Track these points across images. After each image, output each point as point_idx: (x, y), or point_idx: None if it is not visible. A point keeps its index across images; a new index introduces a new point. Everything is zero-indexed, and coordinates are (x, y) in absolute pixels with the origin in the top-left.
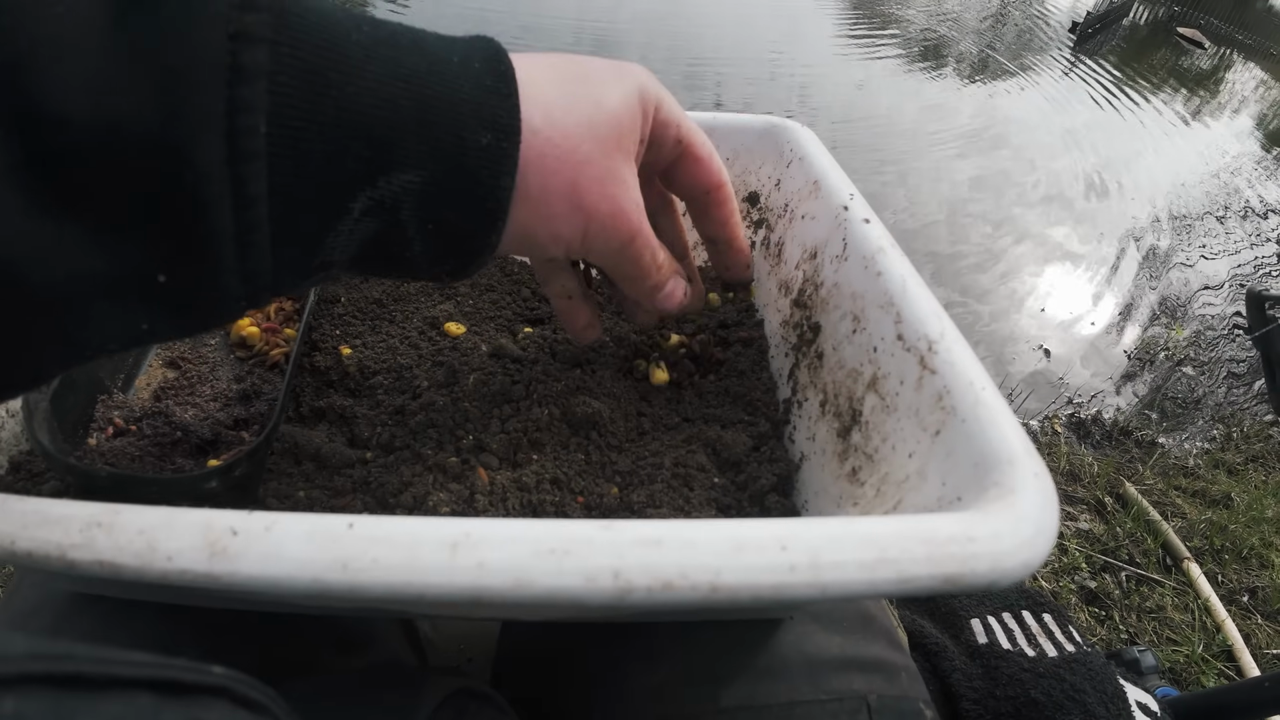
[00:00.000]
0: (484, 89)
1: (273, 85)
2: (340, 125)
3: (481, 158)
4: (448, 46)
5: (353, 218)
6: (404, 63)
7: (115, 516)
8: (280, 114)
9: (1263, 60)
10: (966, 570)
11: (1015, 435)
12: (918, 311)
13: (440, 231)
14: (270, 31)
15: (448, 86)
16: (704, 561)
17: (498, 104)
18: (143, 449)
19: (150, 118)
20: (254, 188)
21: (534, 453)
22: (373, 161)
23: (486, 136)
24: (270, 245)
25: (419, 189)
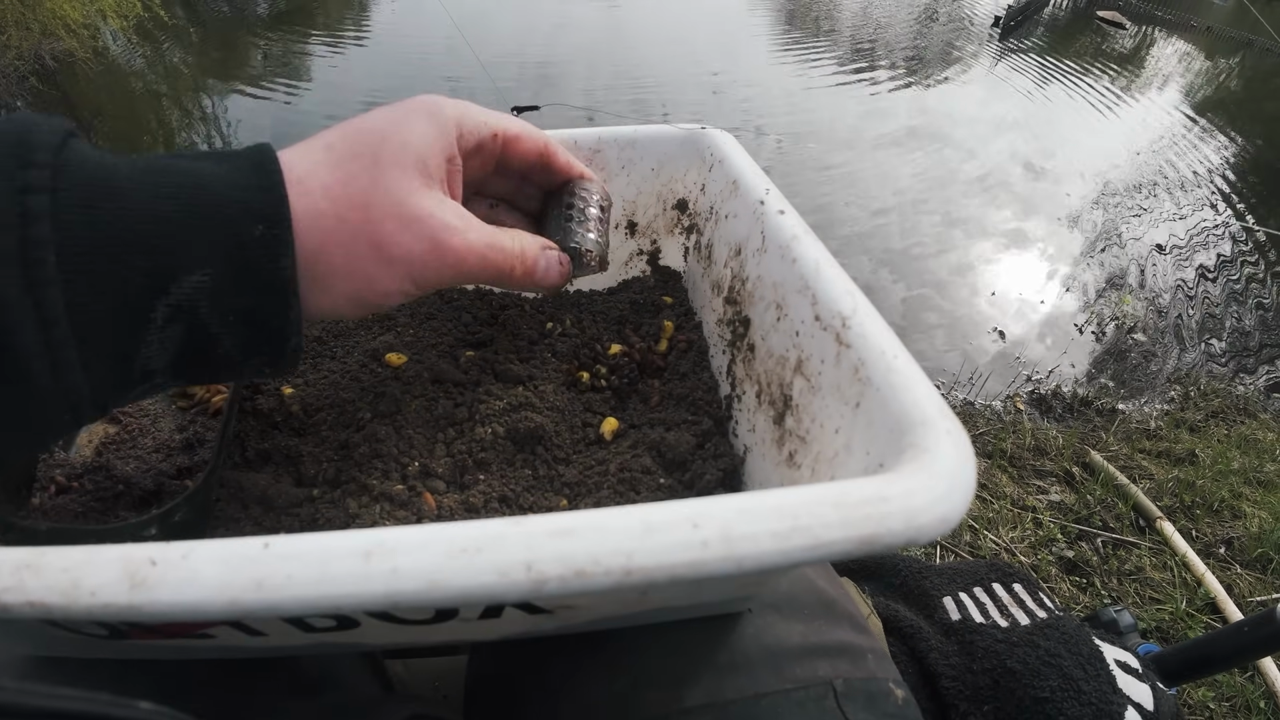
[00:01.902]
0: (250, 188)
1: (55, 224)
2: (119, 244)
3: (257, 247)
4: (217, 161)
5: (157, 326)
6: (170, 183)
7: (41, 558)
8: (66, 244)
9: (1184, 33)
10: (882, 530)
11: (928, 397)
12: (831, 291)
13: (241, 321)
14: (49, 182)
15: (215, 194)
16: (616, 546)
17: (264, 198)
18: (85, 504)
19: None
20: (51, 310)
21: (481, 473)
22: (157, 271)
23: (259, 228)
24: (80, 362)
25: (210, 286)
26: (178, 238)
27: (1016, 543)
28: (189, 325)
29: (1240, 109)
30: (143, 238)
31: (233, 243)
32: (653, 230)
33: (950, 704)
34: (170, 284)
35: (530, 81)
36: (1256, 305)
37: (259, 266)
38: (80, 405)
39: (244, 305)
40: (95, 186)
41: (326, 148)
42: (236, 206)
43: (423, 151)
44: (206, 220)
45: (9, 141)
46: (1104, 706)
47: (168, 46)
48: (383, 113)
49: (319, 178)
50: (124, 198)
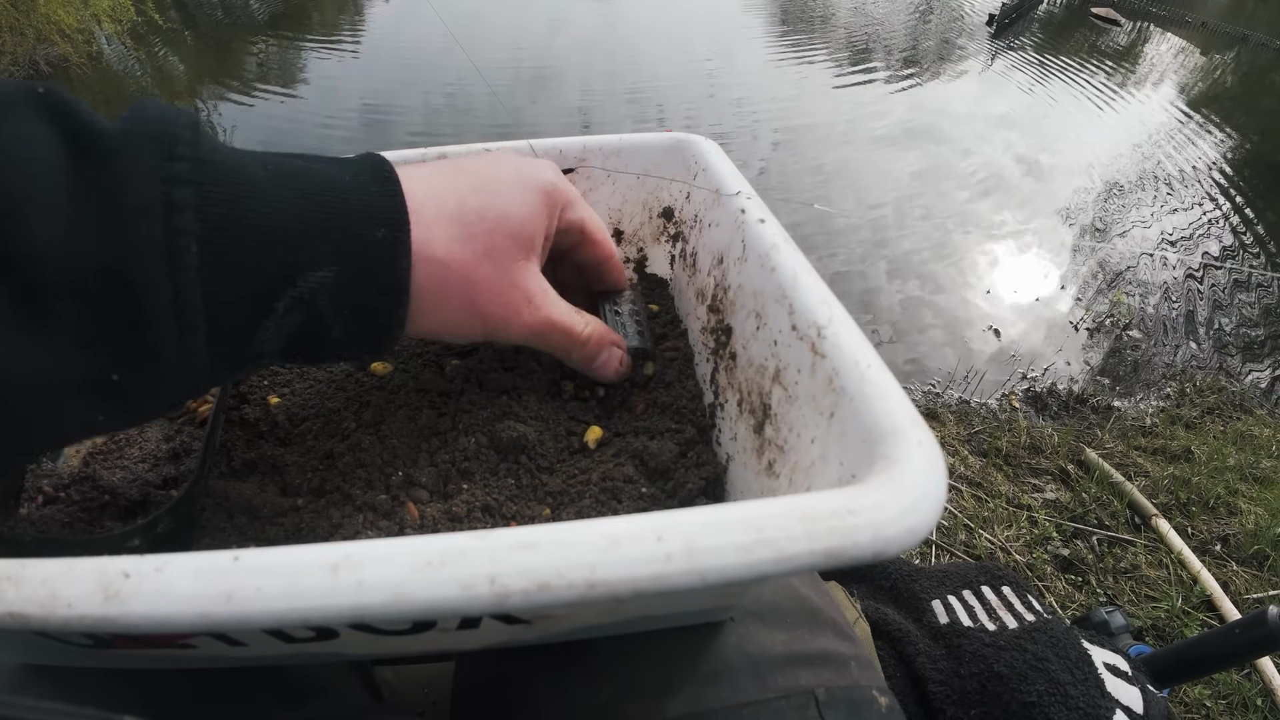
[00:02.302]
0: (372, 194)
1: (199, 215)
2: (259, 239)
3: (380, 248)
4: (339, 168)
5: (278, 314)
6: (304, 186)
7: (22, 570)
8: (208, 235)
9: (1178, 29)
10: (849, 543)
11: (900, 407)
12: (807, 300)
13: (354, 315)
14: (193, 174)
15: (342, 198)
16: (579, 559)
17: (386, 204)
18: (72, 515)
19: (105, 249)
20: (189, 296)
21: (464, 482)
22: (290, 265)
23: (381, 230)
24: (206, 343)
25: (332, 282)
26: (310, 235)
27: (1012, 541)
28: (306, 315)
29: (1236, 104)
30: (279, 234)
31: (357, 243)
32: (639, 238)
33: (938, 709)
34: (298, 277)
35: (526, 83)
36: (1252, 301)
37: (378, 265)
38: (198, 383)
39: (360, 301)
40: (235, 183)
41: (458, 203)
42: (362, 209)
43: (533, 233)
44: (336, 221)
45: (149, 132)
46: (1092, 710)
47: (162, 51)
48: (507, 176)
49: (442, 230)
50: (262, 195)
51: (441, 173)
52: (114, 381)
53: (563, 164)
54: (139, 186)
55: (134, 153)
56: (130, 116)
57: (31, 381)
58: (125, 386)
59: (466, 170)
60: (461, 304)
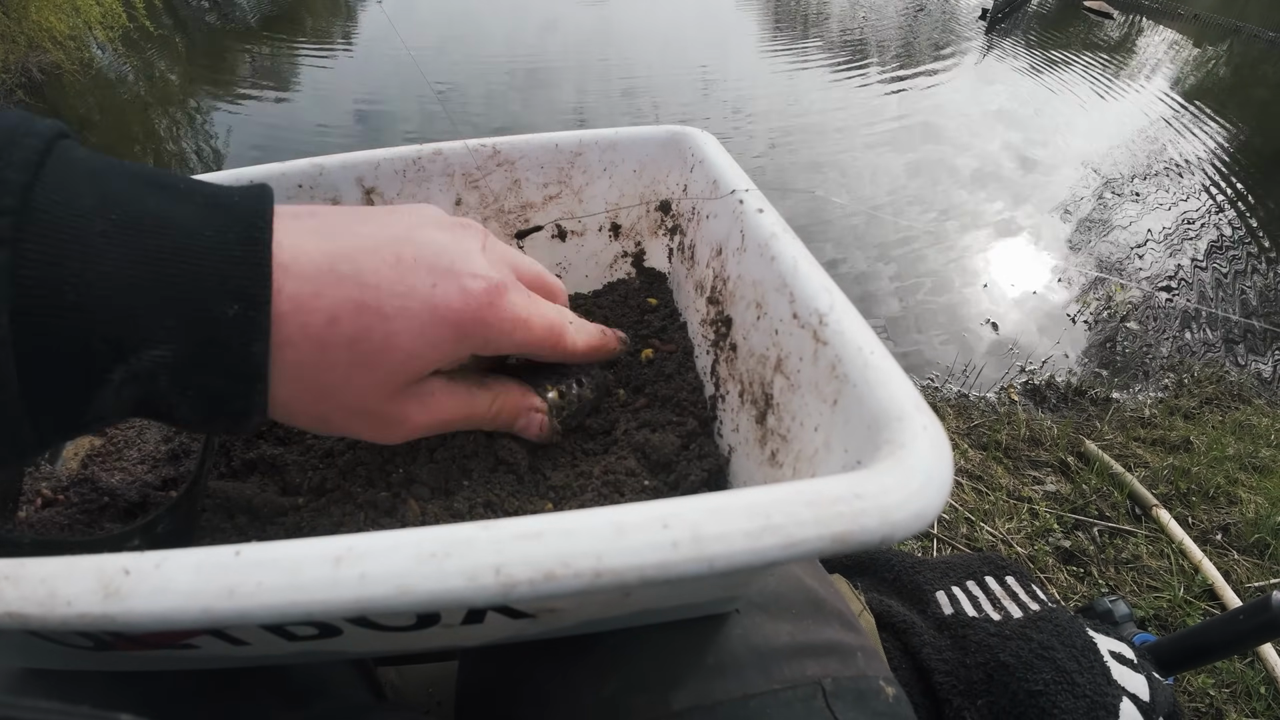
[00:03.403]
0: (233, 262)
1: (16, 278)
2: (82, 310)
3: (230, 328)
4: (205, 217)
5: (113, 386)
6: (149, 245)
7: (20, 569)
8: (24, 305)
9: (1171, 21)
10: (856, 527)
11: (904, 392)
12: (808, 288)
13: (202, 396)
14: (11, 232)
15: (191, 264)
16: (585, 548)
17: (245, 276)
18: (71, 517)
19: None
20: (1, 370)
21: (464, 479)
22: (120, 341)
23: (234, 307)
24: (27, 416)
25: (171, 362)
26: (146, 308)
27: (1013, 534)
28: (146, 390)
29: (1230, 95)
30: (108, 306)
31: (203, 320)
32: (637, 232)
33: (944, 699)
34: (129, 354)
35: (519, 82)
36: (1249, 291)
37: (228, 348)
38: (25, 451)
39: (207, 384)
40: (63, 241)
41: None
42: (214, 280)
43: (417, 370)
44: (179, 292)
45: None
46: (1098, 698)
47: (154, 56)
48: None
49: (300, 350)
50: (94, 258)
51: (329, 251)
52: None
53: (558, 159)
54: None
55: None
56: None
57: None
58: None
59: (360, 260)
60: (315, 422)
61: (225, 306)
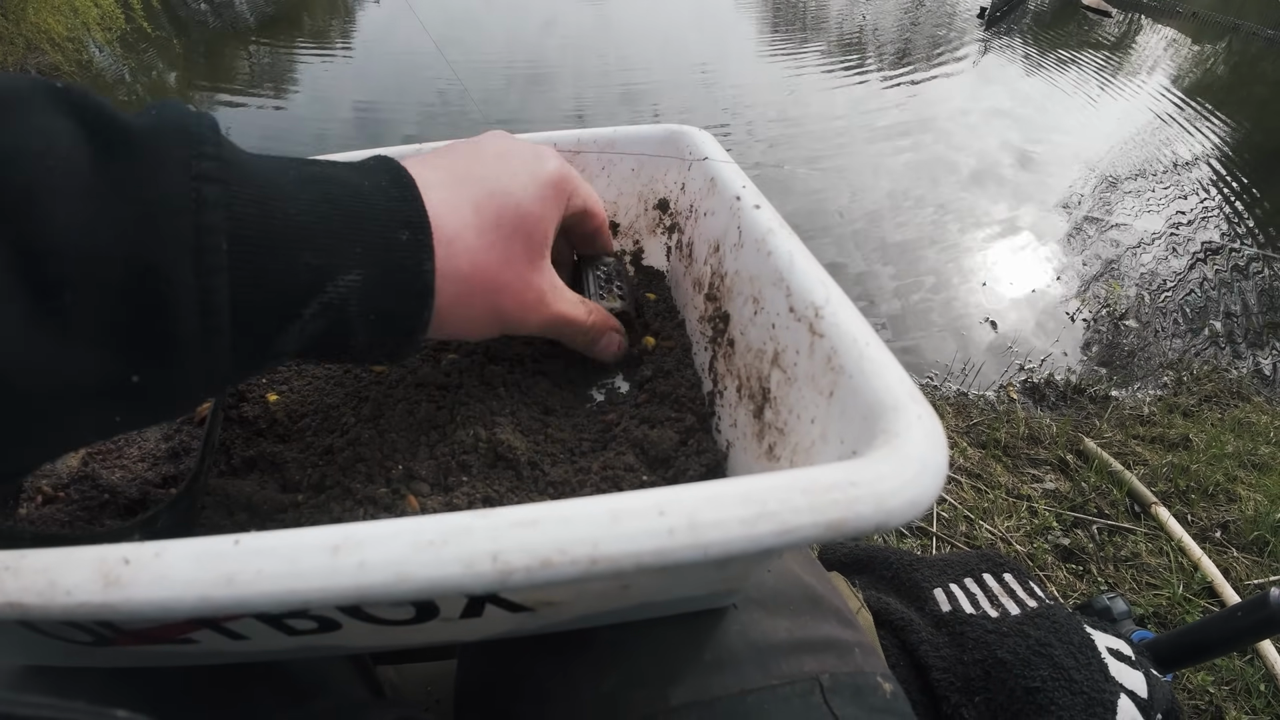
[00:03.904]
0: (394, 199)
1: (229, 213)
2: (288, 242)
3: (404, 251)
4: (357, 174)
5: (305, 319)
6: (327, 191)
7: (20, 560)
8: (238, 235)
9: (1170, 20)
10: (851, 514)
11: (899, 383)
12: (804, 282)
13: (380, 320)
14: (222, 173)
15: (366, 203)
16: (581, 535)
17: (406, 208)
18: (71, 514)
19: (130, 243)
20: (218, 297)
21: (464, 475)
22: (319, 270)
23: (405, 234)
24: (230, 347)
25: (360, 286)
26: (337, 239)
27: (1012, 532)
28: (332, 320)
29: (1229, 93)
30: (307, 238)
31: (383, 245)
32: (635, 230)
33: (942, 696)
34: (327, 282)
35: (519, 82)
36: (1248, 289)
37: (404, 267)
38: (217, 385)
39: (387, 306)
40: (262, 184)
41: (475, 209)
42: (385, 214)
43: (546, 230)
44: (361, 225)
45: (176, 127)
46: (1096, 695)
47: (152, 58)
48: (517, 172)
49: (464, 240)
50: (289, 199)
51: (453, 172)
52: (134, 383)
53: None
54: (168, 180)
55: (162, 147)
56: (153, 113)
57: (51, 381)
58: (145, 388)
59: (476, 169)
60: (483, 306)
61: (399, 233)
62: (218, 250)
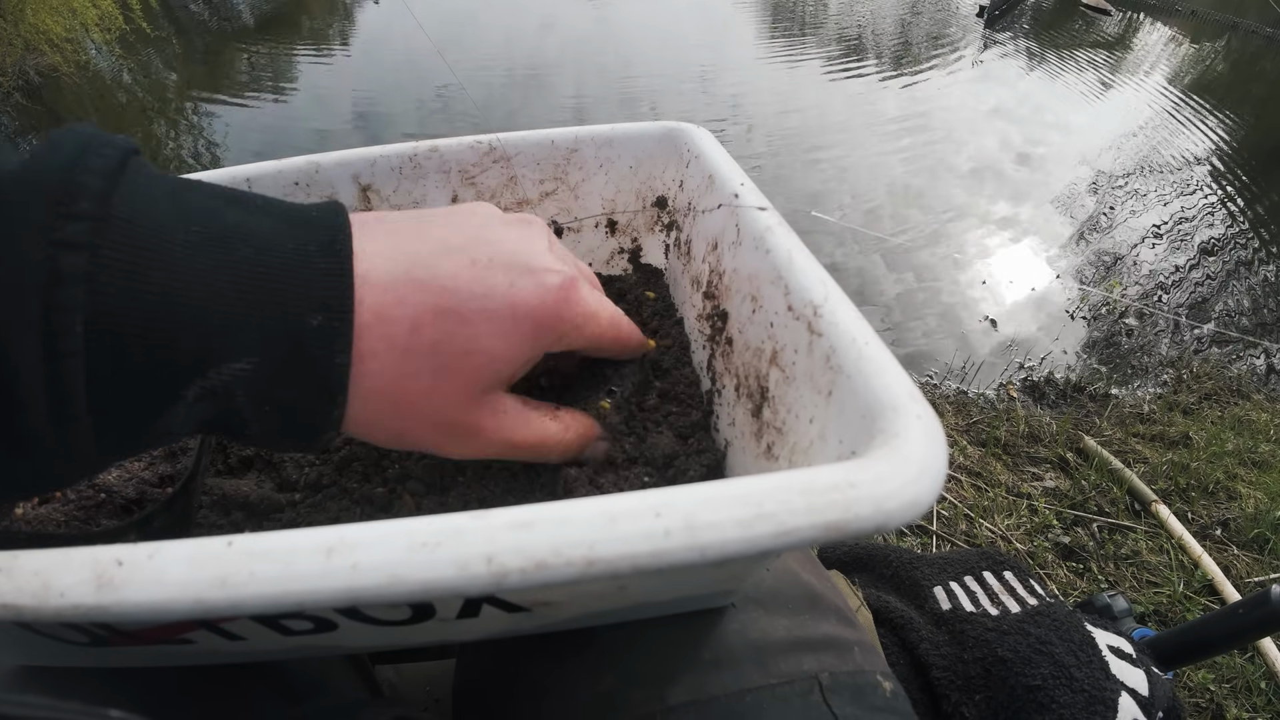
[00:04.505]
0: (316, 272)
1: (92, 287)
2: (163, 321)
3: (315, 338)
4: (284, 229)
5: (186, 403)
6: (231, 256)
7: (14, 561)
8: (99, 314)
9: (1169, 18)
10: (850, 516)
11: (898, 382)
12: (803, 281)
13: (278, 411)
14: (90, 237)
15: (275, 275)
16: (577, 537)
17: (329, 284)
18: (68, 514)
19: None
20: (69, 384)
21: (459, 476)
22: (200, 354)
23: (318, 318)
24: (93, 433)
25: (250, 375)
26: (227, 319)
27: (1012, 530)
28: (220, 407)
29: (1228, 91)
30: (188, 319)
31: (286, 331)
32: (633, 228)
33: (942, 694)
34: (209, 368)
35: (519, 82)
36: (1248, 286)
37: (311, 359)
38: (87, 468)
39: (285, 398)
40: (145, 252)
41: (413, 325)
42: (298, 290)
43: (501, 372)
44: (263, 302)
45: (48, 180)
46: (1096, 693)
47: (151, 59)
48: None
49: (381, 359)
50: (176, 267)
51: (410, 260)
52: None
53: (554, 156)
54: (20, 246)
55: (19, 207)
56: (35, 154)
57: None
58: (9, 471)
59: (440, 267)
60: (394, 436)
61: (310, 317)
62: (70, 333)
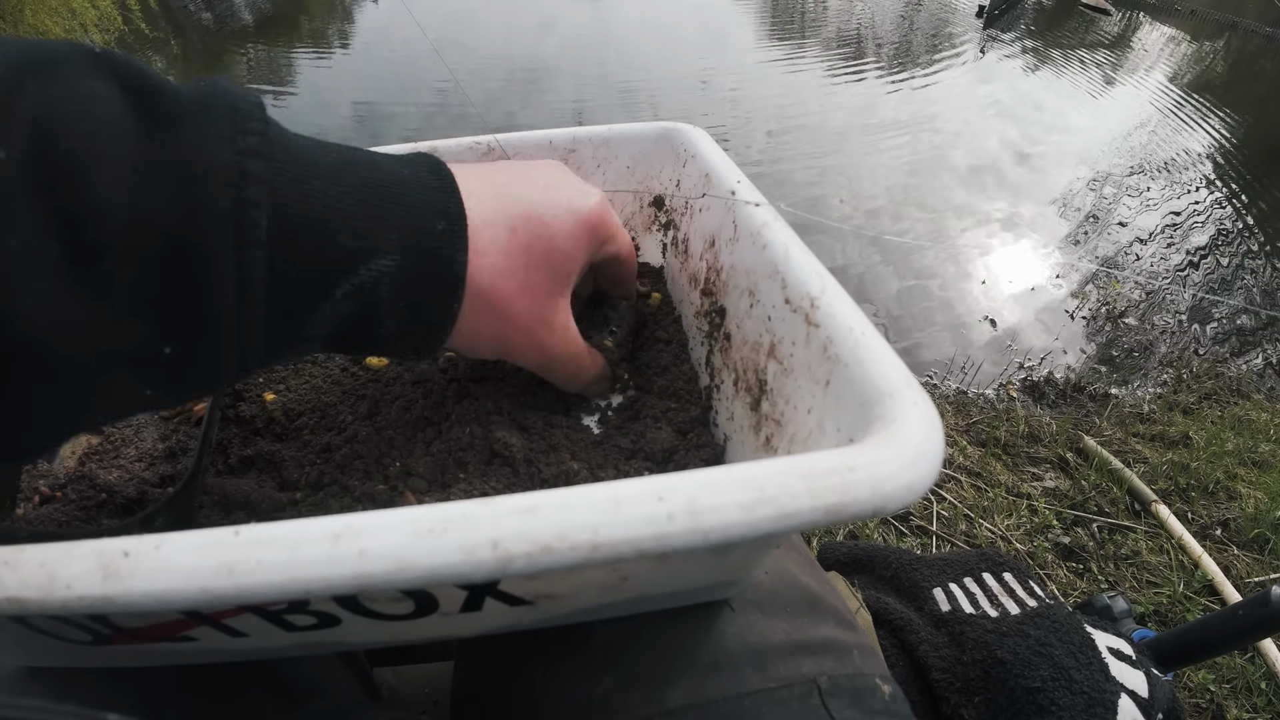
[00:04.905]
0: (432, 189)
1: (271, 190)
2: (327, 221)
3: (440, 240)
4: (398, 163)
5: (335, 300)
6: (369, 176)
7: (19, 554)
8: (278, 212)
9: (1168, 18)
10: (849, 499)
11: (895, 370)
12: (799, 274)
13: (409, 308)
14: (265, 149)
15: (404, 191)
16: (581, 521)
17: (445, 199)
18: (69, 513)
19: (172, 213)
20: (254, 270)
21: (460, 471)
22: (354, 251)
23: (441, 224)
24: (263, 322)
25: (393, 271)
26: (374, 222)
27: (1012, 530)
28: (361, 304)
29: (1228, 91)
30: (346, 218)
31: (418, 233)
32: (630, 228)
33: (941, 696)
34: (361, 265)
35: (519, 82)
36: (1247, 286)
37: (437, 256)
38: (248, 363)
39: (418, 293)
40: (305, 163)
41: (510, 228)
42: (424, 202)
43: (572, 270)
44: (400, 210)
45: (219, 101)
46: (1096, 694)
47: (151, 60)
48: (558, 204)
49: (490, 258)
50: (330, 178)
51: (494, 185)
52: (165, 355)
53: (552, 156)
54: (212, 152)
55: (208, 118)
56: (201, 85)
57: (84, 348)
58: (176, 360)
59: (518, 190)
60: (490, 328)
61: (435, 222)
62: (257, 226)
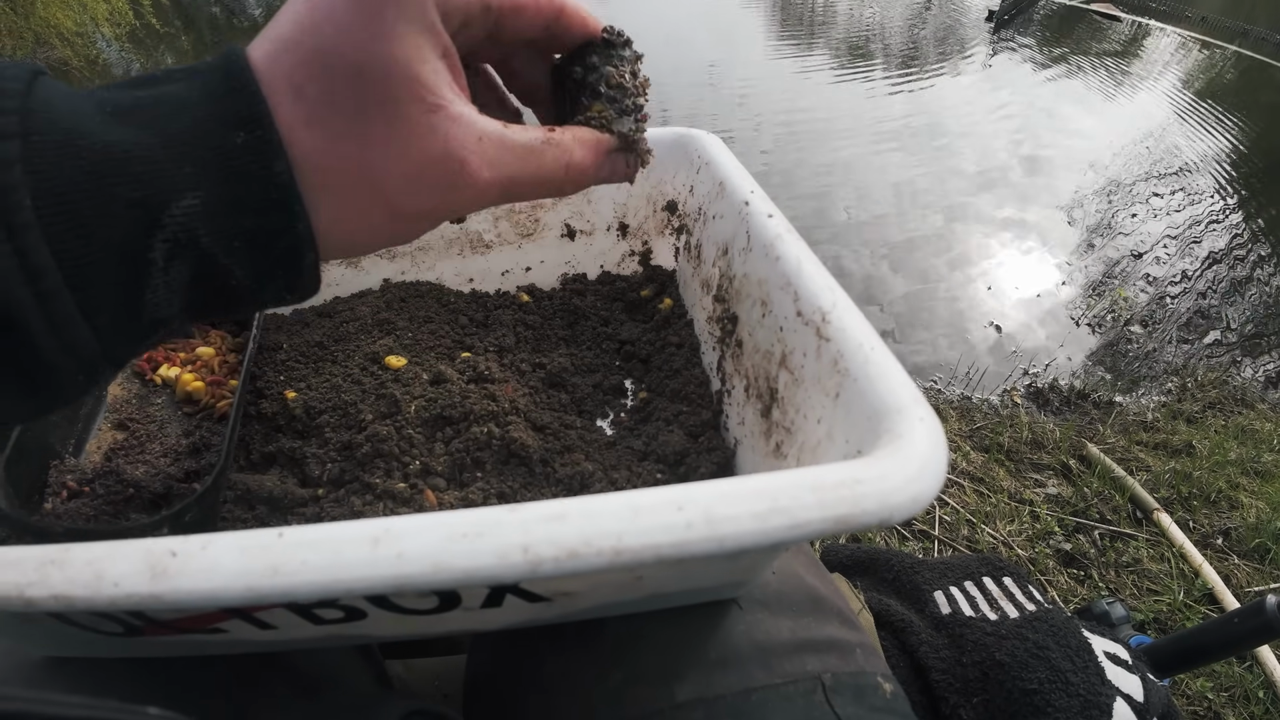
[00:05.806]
0: (218, 95)
1: (28, 167)
2: (98, 177)
3: (244, 155)
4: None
5: (159, 267)
6: (148, 115)
7: (66, 554)
8: (42, 187)
9: (1179, 24)
10: (857, 510)
11: (903, 386)
12: (811, 287)
13: (247, 243)
14: (18, 127)
15: (189, 115)
16: (606, 528)
17: (237, 101)
18: (97, 508)
19: None
20: (36, 257)
21: (478, 470)
22: (145, 203)
23: (239, 135)
24: (80, 313)
25: (202, 209)
26: (160, 162)
27: (1014, 536)
28: (193, 259)
29: (1237, 98)
30: (123, 168)
31: (216, 155)
32: (644, 231)
33: (941, 696)
34: (161, 214)
35: None
36: (1254, 295)
37: (249, 175)
38: (93, 361)
39: (246, 225)
40: (70, 129)
41: (295, 93)
42: (210, 118)
43: (410, 74)
44: (186, 139)
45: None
46: (1092, 697)
47: (162, 54)
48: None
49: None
50: (99, 133)
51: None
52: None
53: None
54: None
55: None
56: None
57: None
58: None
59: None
60: (376, 219)
61: (232, 136)
62: (21, 207)
